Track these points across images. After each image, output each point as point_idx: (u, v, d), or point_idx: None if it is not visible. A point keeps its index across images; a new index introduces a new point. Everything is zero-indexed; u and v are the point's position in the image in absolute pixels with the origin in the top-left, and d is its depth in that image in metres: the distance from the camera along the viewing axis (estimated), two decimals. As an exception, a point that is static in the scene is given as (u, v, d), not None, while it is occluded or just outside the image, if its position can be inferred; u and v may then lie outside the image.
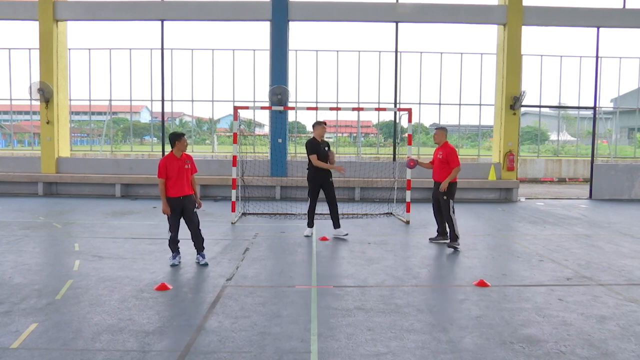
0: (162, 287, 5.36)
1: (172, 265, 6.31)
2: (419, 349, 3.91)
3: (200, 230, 6.47)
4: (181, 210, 6.36)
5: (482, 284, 5.64)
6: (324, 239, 8.14)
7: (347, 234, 8.35)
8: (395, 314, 4.68)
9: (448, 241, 7.69)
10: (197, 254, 6.46)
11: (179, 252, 6.48)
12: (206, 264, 6.35)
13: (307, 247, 7.57)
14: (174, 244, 6.43)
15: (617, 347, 3.98)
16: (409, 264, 6.56)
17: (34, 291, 5.21)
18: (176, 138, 6.40)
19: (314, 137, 8.27)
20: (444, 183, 7.54)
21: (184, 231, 6.52)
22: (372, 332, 4.24)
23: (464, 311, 4.79)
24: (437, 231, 8.10)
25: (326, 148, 8.31)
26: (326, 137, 8.54)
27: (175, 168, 6.29)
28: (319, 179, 8.25)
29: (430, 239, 8.14)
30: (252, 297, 5.21)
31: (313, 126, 8.34)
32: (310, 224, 8.44)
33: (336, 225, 8.35)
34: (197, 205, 6.52)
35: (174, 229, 6.38)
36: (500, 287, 5.60)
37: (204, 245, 6.56)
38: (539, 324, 4.47)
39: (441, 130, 7.90)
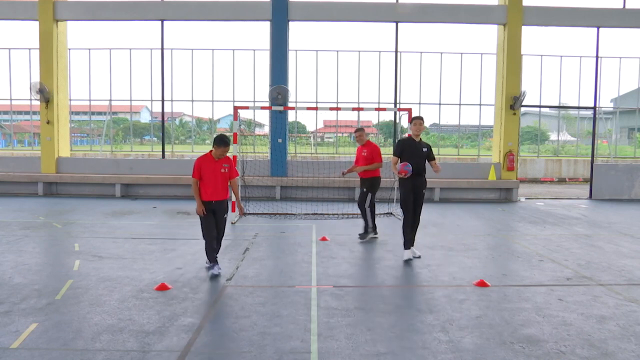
0: (162, 287, 5.36)
1: (212, 276, 5.83)
2: (419, 349, 3.91)
3: (222, 237, 6.13)
4: (213, 213, 5.95)
5: (482, 284, 5.64)
6: (323, 239, 8.14)
7: (419, 256, 6.93)
8: (395, 314, 4.68)
9: (377, 235, 8.20)
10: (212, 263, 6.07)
11: (217, 261, 6.00)
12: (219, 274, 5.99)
13: (307, 247, 7.57)
14: (210, 252, 5.95)
15: (617, 347, 3.98)
16: (409, 264, 6.56)
17: (34, 291, 5.21)
18: (219, 143, 5.81)
19: (408, 135, 7.02)
20: (362, 168, 8.09)
21: (184, 232, 6.51)
22: (372, 332, 4.24)
23: (464, 311, 4.79)
24: (365, 228, 8.20)
25: (424, 149, 6.83)
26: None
27: (209, 170, 5.87)
28: (409, 186, 6.72)
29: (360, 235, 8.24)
30: (252, 297, 5.21)
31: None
32: (408, 244, 6.84)
33: (412, 243, 6.94)
34: (239, 211, 6.28)
35: (207, 235, 5.94)
36: (500, 287, 5.60)
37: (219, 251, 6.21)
38: (539, 324, 4.47)
39: (363, 130, 8.31)
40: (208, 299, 5.06)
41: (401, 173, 6.59)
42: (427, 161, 6.86)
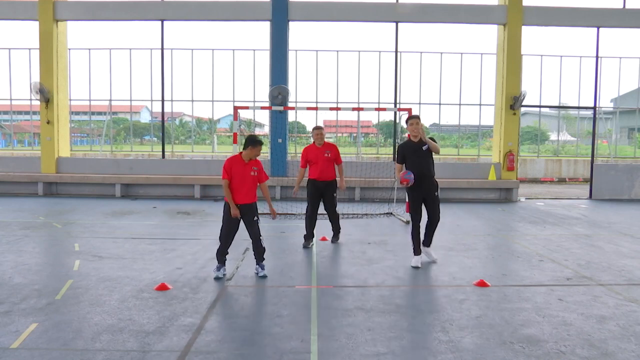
0: (162, 287, 5.35)
1: (217, 278, 5.76)
2: (419, 349, 3.91)
3: (261, 240, 5.93)
4: (239, 218, 5.83)
5: (482, 284, 5.64)
6: (323, 239, 8.13)
7: (435, 259, 6.69)
8: (395, 314, 4.68)
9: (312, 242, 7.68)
10: (256, 265, 6.00)
11: (225, 264, 5.93)
12: (265, 276, 5.86)
13: (307, 247, 7.56)
14: (222, 254, 5.87)
15: (617, 347, 3.98)
16: (409, 264, 6.55)
17: (34, 291, 5.21)
18: (252, 143, 5.72)
19: (407, 136, 6.63)
20: (343, 182, 7.79)
21: (184, 232, 6.50)
22: (372, 332, 4.24)
23: (464, 311, 4.79)
24: (306, 236, 7.65)
25: (424, 148, 6.35)
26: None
27: (239, 172, 5.73)
28: (417, 191, 6.44)
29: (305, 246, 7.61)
30: (252, 297, 5.21)
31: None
32: (418, 251, 6.55)
33: (427, 243, 6.74)
34: (271, 215, 6.05)
35: (224, 237, 5.84)
36: (500, 287, 5.59)
37: (264, 256, 6.02)
38: (539, 324, 4.47)
39: (323, 129, 7.84)
40: (208, 299, 5.05)
41: (402, 183, 6.31)
42: (432, 158, 6.42)
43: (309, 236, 7.70)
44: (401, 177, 6.30)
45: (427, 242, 6.71)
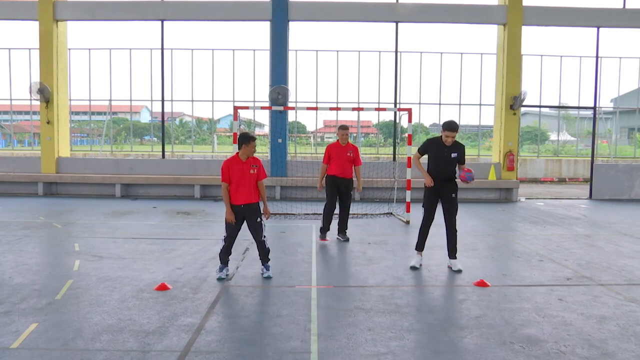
0: (162, 287, 5.35)
1: (219, 279, 5.73)
2: (419, 349, 3.91)
3: (264, 240, 5.86)
4: (242, 219, 5.78)
5: (482, 284, 5.64)
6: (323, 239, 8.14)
7: (461, 270, 6.26)
8: (395, 314, 4.68)
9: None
10: (262, 265, 5.96)
11: (228, 265, 5.91)
12: (270, 277, 5.82)
13: (307, 247, 7.57)
14: (225, 254, 5.84)
15: (617, 347, 3.98)
16: (409, 264, 6.55)
17: (34, 291, 5.21)
18: (244, 140, 5.66)
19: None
20: (360, 184, 8.30)
21: (184, 232, 6.50)
22: (372, 332, 4.24)
23: (464, 311, 4.79)
24: (323, 229, 8.10)
25: (453, 155, 6.22)
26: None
27: (237, 172, 5.65)
28: (432, 190, 6.29)
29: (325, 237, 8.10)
30: (252, 297, 5.21)
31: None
32: (420, 247, 6.52)
33: (452, 254, 6.38)
34: (264, 214, 5.87)
35: (229, 238, 5.81)
36: (500, 287, 5.59)
37: (269, 257, 5.97)
38: (539, 324, 4.47)
39: (348, 129, 8.12)
40: (208, 299, 5.05)
41: (460, 178, 6.28)
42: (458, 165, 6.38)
43: (325, 229, 8.08)
44: (463, 177, 6.24)
45: (450, 253, 6.40)
